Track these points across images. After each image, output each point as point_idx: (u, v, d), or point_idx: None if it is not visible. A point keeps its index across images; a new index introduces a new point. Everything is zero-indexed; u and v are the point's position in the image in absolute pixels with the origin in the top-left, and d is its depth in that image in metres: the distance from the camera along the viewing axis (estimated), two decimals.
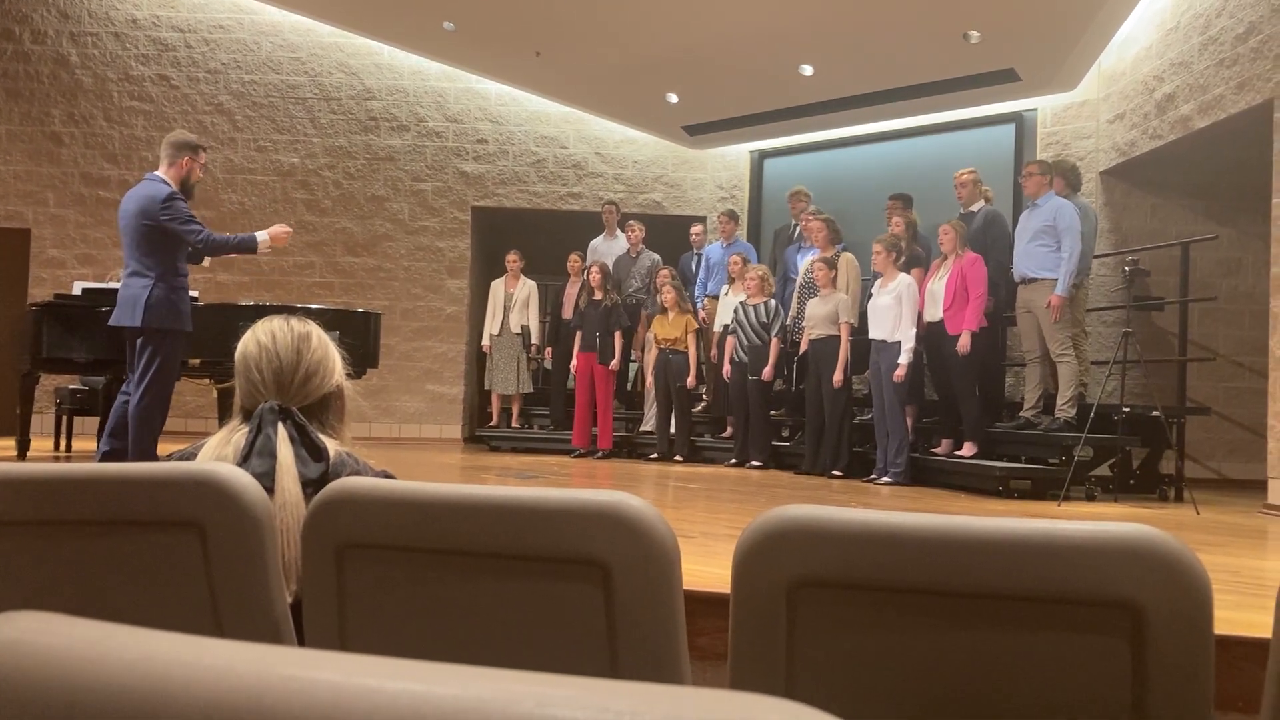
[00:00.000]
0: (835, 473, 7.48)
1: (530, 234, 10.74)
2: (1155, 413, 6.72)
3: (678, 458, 8.62)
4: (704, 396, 9.30)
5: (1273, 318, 6.33)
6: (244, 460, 1.70)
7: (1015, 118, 9.11)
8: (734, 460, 8.35)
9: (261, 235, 5.33)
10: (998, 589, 1.16)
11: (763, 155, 10.77)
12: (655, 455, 8.77)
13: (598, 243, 9.87)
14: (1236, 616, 2.68)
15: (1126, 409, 6.57)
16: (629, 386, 9.99)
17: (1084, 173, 8.26)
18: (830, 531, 1.19)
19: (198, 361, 6.47)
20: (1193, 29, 7.32)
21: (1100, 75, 8.62)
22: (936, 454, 7.40)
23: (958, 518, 1.18)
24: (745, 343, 8.26)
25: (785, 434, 8.81)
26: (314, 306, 7.66)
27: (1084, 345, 7.25)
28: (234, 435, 1.80)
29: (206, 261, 5.80)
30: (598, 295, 8.86)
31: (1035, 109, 9.03)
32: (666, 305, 8.70)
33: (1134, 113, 8.08)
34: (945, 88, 8.84)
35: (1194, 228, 8.12)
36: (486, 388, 9.96)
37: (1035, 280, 6.95)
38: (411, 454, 8.70)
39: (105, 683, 0.43)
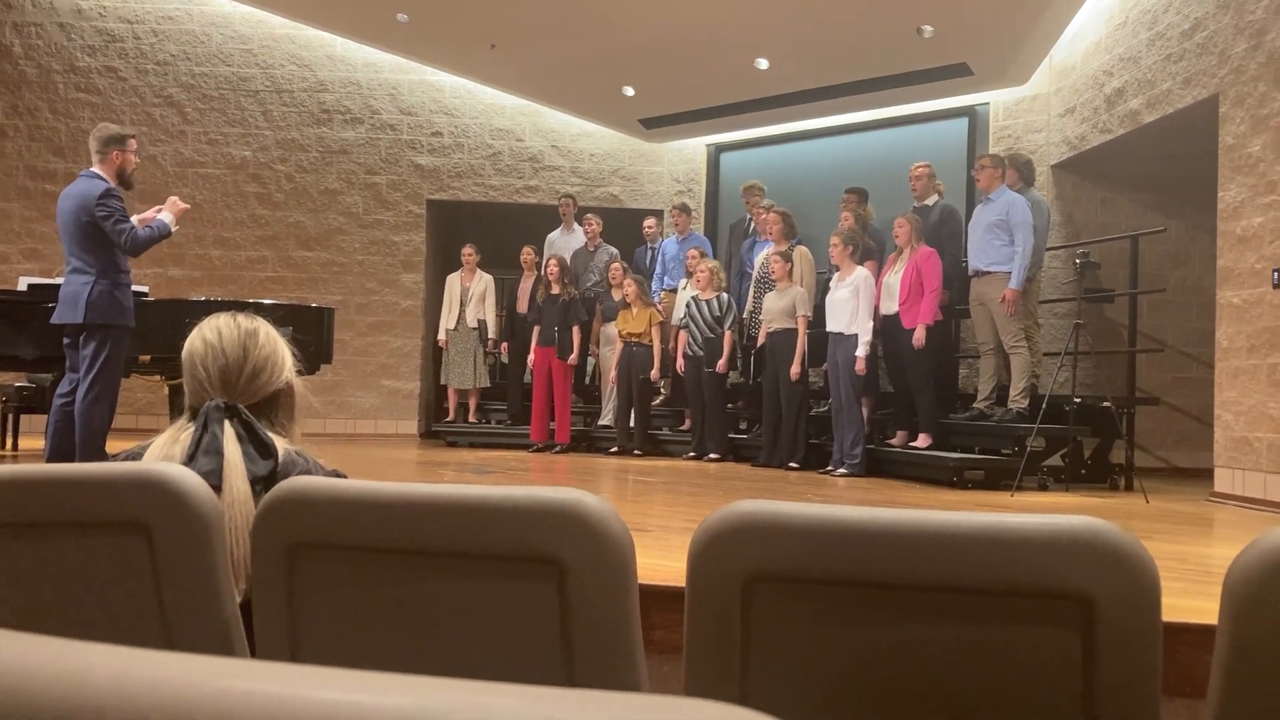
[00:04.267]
0: (792, 464, 7.52)
1: (486, 227, 10.68)
2: (1106, 403, 6.82)
3: (636, 451, 8.62)
4: (662, 390, 9.31)
5: (1219, 309, 6.44)
6: (190, 459, 1.67)
7: (968, 112, 9.19)
8: (692, 453, 8.37)
9: (167, 218, 5.30)
10: (950, 582, 1.17)
11: (719, 149, 10.79)
12: (614, 449, 8.76)
13: (555, 236, 9.84)
14: (1184, 604, 2.73)
15: (1078, 400, 6.66)
16: (587, 380, 9.97)
17: (1036, 166, 8.35)
18: (784, 526, 1.19)
19: (148, 358, 6.37)
20: (1140, 25, 7.42)
21: (1051, 70, 8.72)
22: (892, 445, 7.46)
23: (910, 511, 1.18)
24: (699, 337, 8.27)
25: (743, 426, 8.85)
26: (266, 302, 7.57)
27: (1036, 337, 7.34)
28: (181, 434, 1.77)
29: None
30: (555, 289, 8.84)
31: (988, 103, 9.11)
32: (629, 299, 8.69)
33: (1084, 107, 8.18)
34: (899, 82, 8.90)
35: (1143, 220, 8.24)
36: (443, 382, 9.90)
37: (989, 273, 7.02)
38: (367, 450, 8.63)
39: (31, 698, 0.42)
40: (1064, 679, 1.16)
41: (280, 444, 1.78)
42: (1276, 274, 5.86)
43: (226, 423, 1.74)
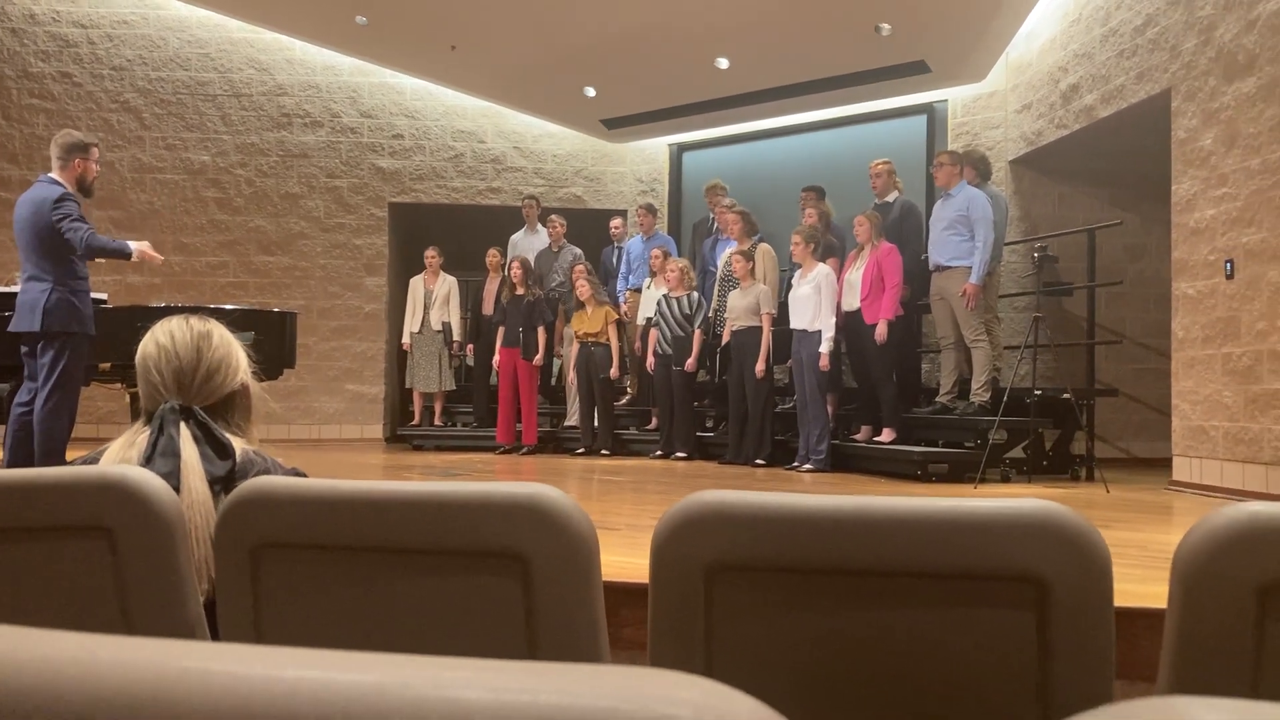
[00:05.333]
0: (758, 461, 7.56)
1: (449, 230, 10.64)
2: (1066, 395, 6.90)
3: (603, 451, 8.63)
4: (628, 389, 9.32)
5: (1174, 300, 6.55)
6: (147, 461, 1.66)
7: (927, 109, 9.27)
8: (659, 452, 8.39)
9: (134, 246, 5.26)
10: (908, 566, 1.19)
11: (681, 148, 10.82)
12: (580, 450, 8.76)
13: (519, 237, 9.83)
14: (1144, 590, 2.77)
15: (1038, 392, 6.75)
16: (553, 381, 9.96)
17: (994, 162, 8.44)
18: (745, 515, 1.21)
19: (108, 365, 6.31)
20: (1094, 21, 7.52)
21: (1008, 66, 8.82)
22: (857, 440, 7.52)
23: (868, 498, 1.20)
24: (668, 335, 8.29)
25: (709, 424, 8.88)
26: (228, 307, 7.52)
27: (997, 330, 7.43)
28: (137, 437, 1.76)
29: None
30: (519, 290, 8.83)
31: (946, 100, 9.20)
32: (583, 299, 8.69)
33: (1040, 103, 8.28)
34: (858, 80, 8.97)
35: (1100, 214, 8.35)
36: (408, 386, 9.86)
37: (949, 268, 7.09)
38: (332, 455, 8.58)
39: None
40: (1020, 659, 1.18)
41: (238, 444, 1.77)
42: (1229, 265, 5.96)
43: (182, 424, 1.73)
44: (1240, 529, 1.15)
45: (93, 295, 5.35)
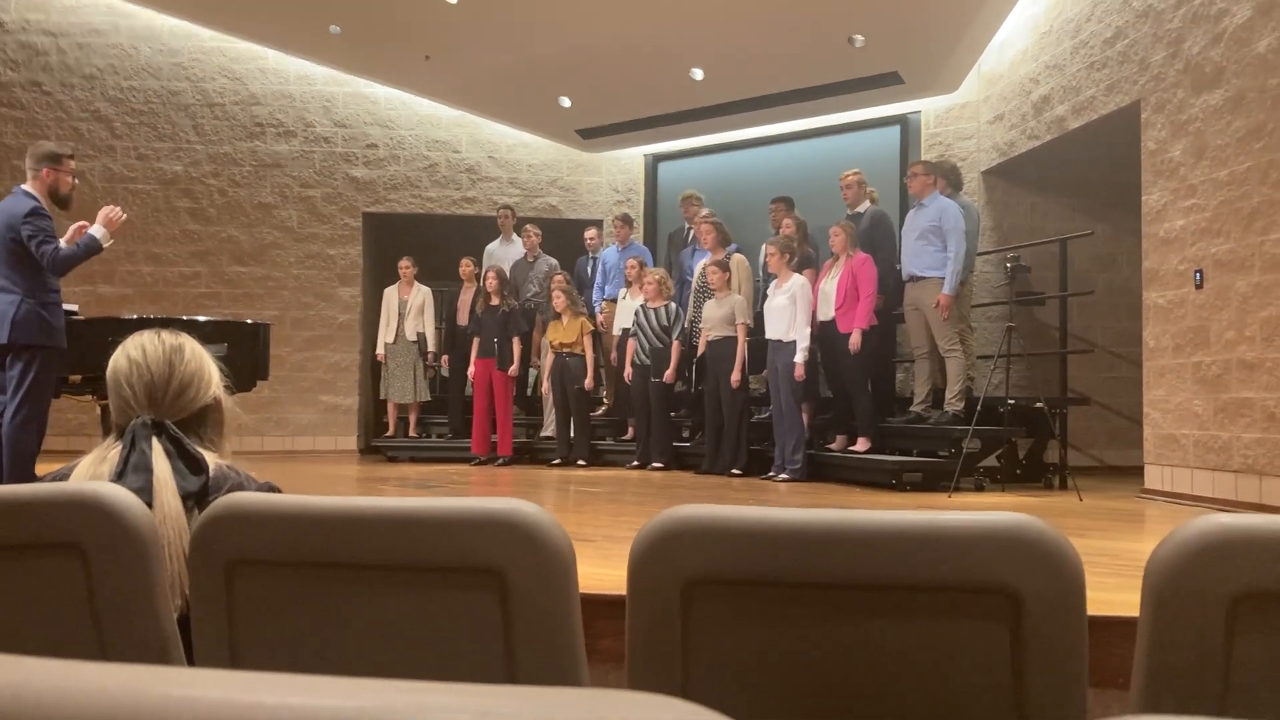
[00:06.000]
0: (735, 471, 7.57)
1: (424, 239, 10.61)
2: (1039, 404, 6.96)
3: (580, 462, 8.62)
4: (604, 400, 9.31)
5: (1145, 310, 6.61)
6: (119, 476, 1.65)
7: (900, 120, 9.34)
8: (636, 462, 8.38)
9: (98, 232, 5.14)
10: (884, 580, 1.20)
11: (657, 159, 10.84)
12: (557, 460, 8.75)
13: (494, 247, 9.82)
14: (1117, 598, 2.80)
15: (1011, 401, 6.80)
16: (529, 392, 9.94)
17: (966, 172, 8.51)
18: (722, 530, 1.21)
19: (78, 378, 6.25)
20: (1064, 33, 7.61)
21: (980, 78, 8.90)
22: (832, 450, 7.54)
23: (843, 512, 1.21)
24: (646, 346, 8.30)
25: (685, 435, 8.88)
26: (200, 318, 7.47)
27: (970, 340, 7.48)
28: (109, 453, 1.75)
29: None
30: (494, 300, 8.81)
31: (919, 111, 9.27)
32: (558, 309, 8.69)
33: (1012, 114, 8.36)
34: (832, 91, 9.02)
35: (1071, 225, 8.43)
36: (382, 397, 9.81)
37: (923, 279, 7.14)
38: (306, 466, 8.53)
39: None
40: (994, 670, 1.19)
41: (211, 459, 1.76)
42: (1199, 275, 6.03)
43: (154, 439, 1.72)
44: (1210, 541, 1.17)
45: (64, 307, 5.29)
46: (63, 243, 5.09)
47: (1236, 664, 1.17)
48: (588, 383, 8.67)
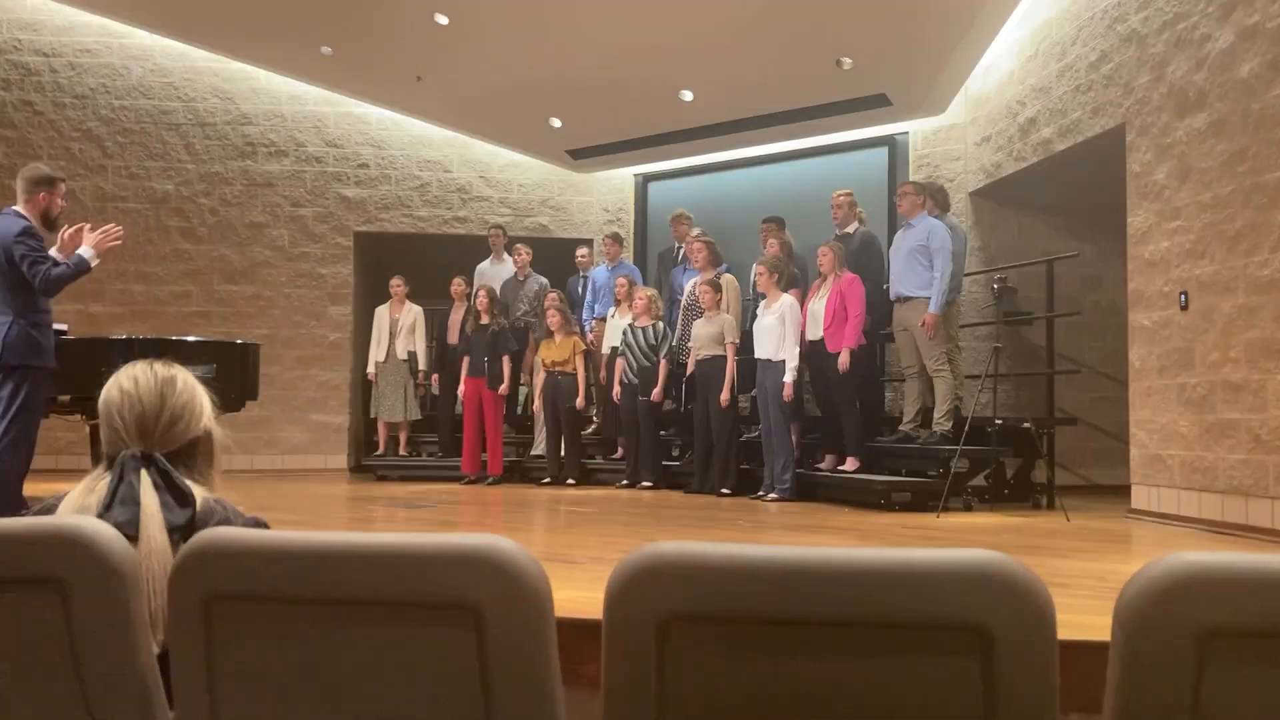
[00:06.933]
0: (724, 491, 7.57)
1: (415, 259, 10.63)
2: (1026, 424, 6.99)
3: (569, 481, 8.62)
4: (594, 418, 9.32)
5: (1131, 331, 6.65)
6: (106, 509, 1.66)
7: (888, 141, 9.39)
8: (625, 481, 8.39)
9: (87, 252, 5.16)
10: (857, 617, 1.21)
11: (647, 178, 10.88)
12: (547, 479, 8.74)
13: (485, 266, 9.84)
14: (1100, 622, 2.80)
15: (999, 421, 6.82)
16: (519, 411, 9.95)
17: (954, 193, 8.56)
18: (696, 567, 1.22)
19: (68, 398, 6.24)
20: (1050, 56, 7.67)
21: (968, 99, 8.96)
22: (821, 469, 7.55)
23: (817, 549, 1.22)
24: (635, 364, 8.32)
25: (675, 454, 8.89)
26: (190, 339, 7.47)
27: (958, 360, 7.51)
28: (97, 484, 1.75)
29: None
30: (485, 319, 8.83)
31: (907, 132, 9.32)
32: (553, 328, 8.71)
33: (999, 135, 8.41)
34: (820, 112, 9.07)
35: (1058, 245, 8.47)
36: (373, 416, 9.81)
37: (911, 299, 7.17)
38: (296, 486, 8.52)
39: None
40: (966, 707, 1.21)
41: (199, 492, 1.77)
42: (1183, 296, 6.07)
43: (143, 471, 1.73)
44: (1179, 578, 1.19)
45: (54, 326, 5.29)
46: (54, 252, 5.09)
47: (1205, 701, 1.19)
48: (579, 402, 8.68)
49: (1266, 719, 1.18)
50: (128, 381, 1.83)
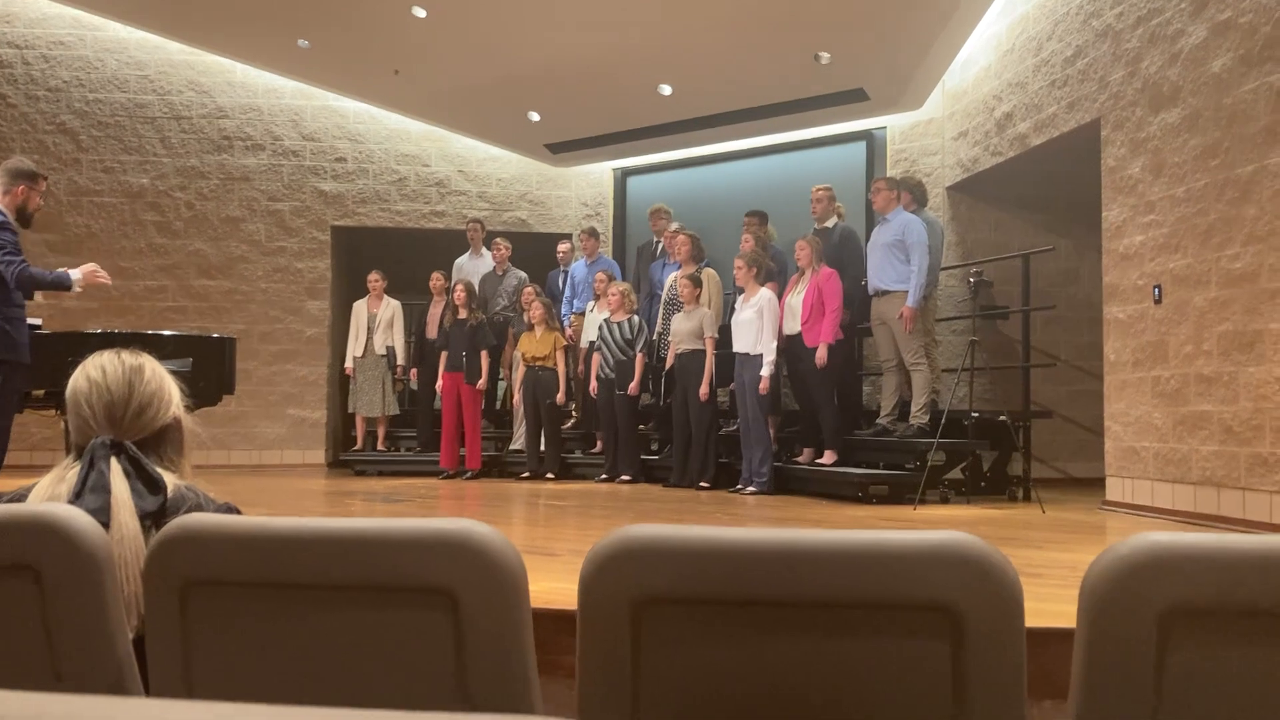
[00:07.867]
0: (702, 484, 7.60)
1: (393, 253, 10.60)
2: (1002, 417, 7.04)
3: (549, 475, 8.62)
4: (573, 413, 9.32)
5: (1105, 324, 6.71)
6: (76, 497, 1.65)
7: (866, 135, 9.42)
8: (604, 475, 8.40)
9: (75, 274, 5.17)
10: (830, 598, 1.23)
11: (626, 173, 10.88)
12: (526, 474, 8.74)
13: (463, 261, 9.82)
14: (1072, 610, 2.84)
15: (976, 414, 6.87)
16: (498, 405, 9.94)
17: (931, 188, 8.60)
18: (670, 549, 1.23)
19: (42, 392, 6.19)
20: (1026, 51, 7.71)
21: (945, 95, 9.00)
22: (799, 463, 7.58)
23: (788, 531, 1.24)
24: (611, 359, 8.32)
25: (654, 447, 8.91)
26: (166, 333, 7.42)
27: (935, 354, 7.55)
28: (67, 473, 1.75)
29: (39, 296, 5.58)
30: (463, 314, 8.81)
31: (885, 127, 9.36)
32: (534, 322, 8.71)
33: (976, 130, 8.46)
34: (798, 107, 9.10)
35: (1034, 240, 8.53)
36: (351, 410, 9.78)
37: (888, 293, 7.21)
38: (273, 481, 8.48)
39: None
40: (936, 686, 1.22)
41: (169, 479, 1.77)
42: (1157, 290, 6.13)
43: (113, 459, 1.73)
44: (1143, 557, 1.21)
45: (29, 321, 5.25)
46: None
47: (1169, 677, 1.21)
48: (559, 397, 8.69)
49: (1227, 695, 1.20)
50: (95, 370, 1.83)
